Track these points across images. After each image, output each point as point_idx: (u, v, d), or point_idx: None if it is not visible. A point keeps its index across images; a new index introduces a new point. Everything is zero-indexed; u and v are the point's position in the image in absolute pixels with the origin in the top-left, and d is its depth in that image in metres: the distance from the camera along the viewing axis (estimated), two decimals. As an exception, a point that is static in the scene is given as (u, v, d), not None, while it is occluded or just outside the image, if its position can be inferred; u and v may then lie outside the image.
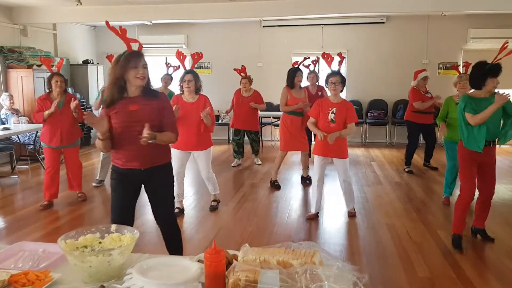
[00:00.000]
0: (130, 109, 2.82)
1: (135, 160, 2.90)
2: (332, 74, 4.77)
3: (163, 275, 1.59)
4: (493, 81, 3.92)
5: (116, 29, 3.01)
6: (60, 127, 5.26)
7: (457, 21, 9.67)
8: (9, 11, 8.50)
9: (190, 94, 4.74)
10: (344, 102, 4.74)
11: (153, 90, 2.96)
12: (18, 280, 1.57)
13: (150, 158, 2.92)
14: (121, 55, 2.83)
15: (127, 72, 2.77)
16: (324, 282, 1.40)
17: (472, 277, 3.44)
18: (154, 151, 2.90)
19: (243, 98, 7.40)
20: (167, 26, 10.58)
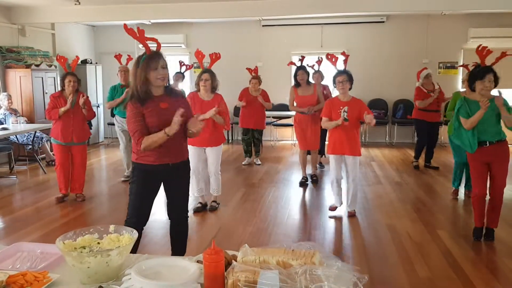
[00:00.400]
0: (161, 107, 2.92)
1: (167, 156, 2.98)
2: (339, 73, 4.83)
3: (162, 275, 1.58)
4: (480, 83, 3.98)
5: (134, 31, 3.04)
6: (72, 125, 5.39)
7: (457, 20, 9.66)
8: (7, 11, 8.49)
9: (206, 92, 4.85)
10: (354, 100, 4.79)
11: (172, 88, 3.10)
12: (16, 281, 1.56)
13: (178, 153, 3.05)
14: (141, 57, 2.92)
15: (149, 74, 2.87)
16: (324, 282, 1.39)
17: (472, 277, 3.43)
18: (181, 146, 3.07)
19: (252, 97, 7.45)
20: (166, 26, 10.57)
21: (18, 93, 8.24)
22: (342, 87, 4.71)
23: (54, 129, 5.47)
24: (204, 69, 4.95)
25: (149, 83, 2.89)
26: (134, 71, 2.91)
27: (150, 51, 2.95)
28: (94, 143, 10.21)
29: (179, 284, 1.49)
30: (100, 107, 10.41)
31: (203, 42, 10.58)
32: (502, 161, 4.06)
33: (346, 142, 4.70)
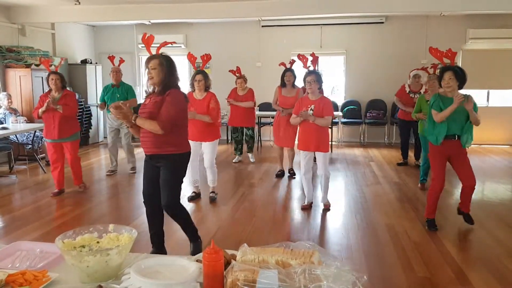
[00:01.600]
0: (145, 102, 3.47)
1: (144, 146, 3.48)
2: (308, 73, 5.07)
3: (161, 275, 1.59)
4: (442, 82, 4.31)
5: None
6: (53, 122, 5.61)
7: (456, 21, 9.67)
8: (7, 11, 8.49)
9: (200, 91, 5.25)
10: (322, 98, 5.01)
11: (168, 89, 3.39)
12: (15, 280, 1.56)
13: (151, 146, 3.43)
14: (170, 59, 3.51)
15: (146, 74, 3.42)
16: (323, 282, 1.40)
17: (471, 277, 3.44)
18: (155, 140, 3.39)
19: (239, 97, 7.69)
20: (166, 26, 10.57)
21: (18, 92, 8.23)
22: (310, 86, 4.91)
23: (44, 128, 5.81)
24: (197, 70, 5.32)
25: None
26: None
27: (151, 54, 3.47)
28: (93, 142, 10.20)
29: (179, 283, 1.49)
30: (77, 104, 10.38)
31: (203, 43, 10.60)
32: (463, 155, 4.40)
33: (315, 139, 4.93)
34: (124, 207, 5.51)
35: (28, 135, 7.38)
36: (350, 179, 6.74)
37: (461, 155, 4.39)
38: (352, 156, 8.68)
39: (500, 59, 9.62)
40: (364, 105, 10.20)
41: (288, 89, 6.61)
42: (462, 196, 4.58)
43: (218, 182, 5.75)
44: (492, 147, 9.51)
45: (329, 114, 4.92)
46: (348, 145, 10.02)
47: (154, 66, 3.35)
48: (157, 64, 3.35)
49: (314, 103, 4.92)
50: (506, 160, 8.27)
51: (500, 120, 9.83)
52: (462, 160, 4.40)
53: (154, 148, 3.42)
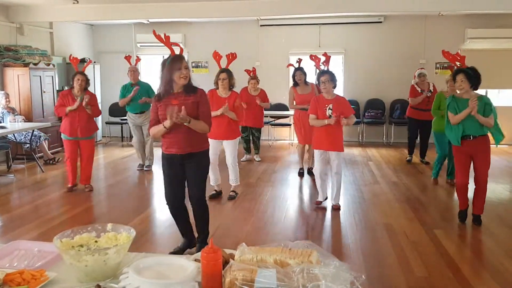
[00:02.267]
0: (172, 103, 3.38)
1: (174, 146, 3.50)
2: (322, 73, 5.13)
3: (159, 274, 1.58)
4: (455, 84, 4.50)
5: (161, 36, 3.61)
6: (77, 121, 5.73)
7: (454, 21, 9.68)
8: (5, 10, 8.47)
9: (224, 90, 5.33)
10: (338, 98, 5.06)
11: (193, 87, 3.50)
12: (13, 279, 1.56)
13: (186, 145, 3.49)
14: (167, 59, 3.42)
15: (173, 74, 3.37)
16: (321, 281, 1.40)
17: (470, 277, 3.44)
18: (190, 139, 3.48)
19: (252, 96, 7.68)
20: (164, 25, 10.54)
21: (16, 91, 8.21)
22: (324, 86, 4.95)
23: (62, 125, 5.87)
24: (222, 69, 5.43)
25: (173, 82, 3.40)
26: (161, 72, 3.42)
27: (174, 53, 3.45)
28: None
29: (177, 283, 1.49)
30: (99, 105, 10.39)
31: (202, 42, 10.59)
32: (483, 154, 4.50)
33: (330, 138, 4.96)
34: (122, 206, 5.50)
35: (26, 134, 7.36)
36: (348, 179, 6.74)
37: (481, 152, 4.49)
38: (350, 155, 8.69)
39: (499, 59, 9.63)
40: (362, 105, 10.20)
41: (302, 87, 6.70)
42: (475, 196, 4.61)
43: (216, 181, 5.75)
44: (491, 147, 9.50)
45: (351, 112, 5.00)
46: (346, 144, 9.91)
47: (186, 66, 3.41)
48: (186, 64, 3.43)
49: (331, 103, 4.94)
50: (505, 160, 8.29)
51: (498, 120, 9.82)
52: (481, 157, 4.50)
53: (189, 147, 3.49)
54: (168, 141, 3.51)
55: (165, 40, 3.58)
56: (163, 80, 3.43)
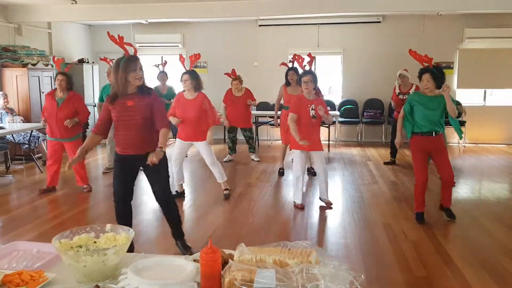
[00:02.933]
0: (128, 104, 3.38)
1: (127, 147, 3.49)
2: (304, 73, 5.16)
3: (158, 275, 1.58)
4: (421, 83, 4.61)
5: (115, 37, 3.59)
6: (56, 122, 5.64)
7: (452, 20, 9.69)
8: (4, 10, 8.45)
9: (189, 91, 5.25)
10: (318, 98, 5.18)
11: (147, 88, 3.48)
12: (12, 280, 1.56)
13: (142, 146, 3.46)
14: (121, 59, 3.36)
15: (128, 75, 3.33)
16: (320, 281, 1.40)
17: (469, 277, 3.45)
18: (145, 141, 3.46)
19: (236, 97, 7.72)
20: (163, 25, 10.55)
21: (14, 92, 8.20)
22: (307, 86, 4.99)
23: (47, 127, 5.87)
24: (185, 71, 5.35)
25: (128, 83, 3.35)
26: (115, 73, 3.36)
27: (128, 54, 3.41)
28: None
29: (176, 283, 1.49)
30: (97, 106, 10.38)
31: (200, 42, 10.59)
32: (443, 150, 4.63)
33: (310, 138, 4.94)
34: (121, 206, 5.49)
35: (24, 134, 7.35)
36: (347, 179, 6.75)
37: (441, 151, 4.61)
38: (349, 155, 8.69)
39: (497, 59, 9.64)
40: (361, 105, 10.21)
41: (293, 87, 6.68)
42: (442, 191, 4.76)
43: (214, 182, 5.75)
44: (489, 146, 9.54)
45: (328, 113, 5.13)
46: (345, 144, 10.03)
47: (141, 67, 3.40)
48: (141, 65, 3.42)
49: (313, 103, 5.01)
50: (503, 159, 8.30)
51: (497, 120, 9.87)
52: (441, 156, 4.60)
53: (147, 147, 3.44)
54: (123, 143, 3.50)
55: (118, 41, 3.56)
56: (117, 81, 3.35)
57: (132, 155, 3.49)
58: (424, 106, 4.51)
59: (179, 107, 5.29)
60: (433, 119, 4.51)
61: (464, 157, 8.56)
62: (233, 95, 7.74)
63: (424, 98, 4.55)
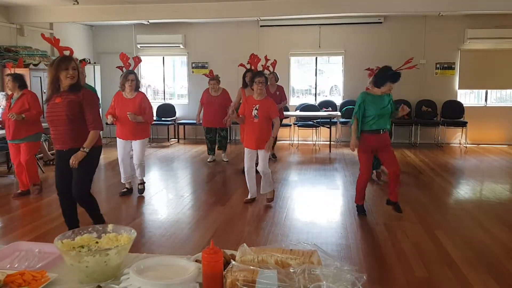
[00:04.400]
0: (56, 101, 3.62)
1: (57, 143, 3.72)
2: (259, 74, 5.24)
3: (160, 275, 1.58)
4: (390, 85, 4.70)
5: (51, 39, 3.89)
6: (7, 122, 5.64)
7: (454, 21, 9.68)
8: (5, 11, 8.47)
9: (131, 91, 5.51)
10: (266, 99, 5.20)
11: (79, 87, 3.67)
12: (14, 280, 1.56)
13: (68, 142, 3.66)
14: (54, 60, 3.63)
15: (60, 73, 3.56)
16: (322, 282, 1.40)
17: (470, 277, 3.44)
18: (71, 137, 3.65)
19: (212, 97, 7.77)
20: (165, 26, 10.56)
21: (15, 92, 8.20)
22: (260, 87, 5.09)
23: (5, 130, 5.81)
24: (129, 70, 5.57)
25: (60, 81, 3.59)
26: (49, 71, 3.62)
27: (63, 54, 3.66)
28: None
29: (178, 284, 1.49)
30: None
31: (201, 42, 10.60)
32: (389, 146, 4.80)
33: (257, 137, 5.11)
34: (123, 207, 5.50)
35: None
36: (348, 179, 6.74)
37: (387, 146, 4.79)
38: (350, 156, 8.68)
39: (499, 59, 9.64)
40: (362, 105, 10.19)
41: (250, 90, 6.50)
42: (391, 184, 4.86)
43: (215, 183, 5.80)
44: (490, 147, 9.53)
45: (276, 115, 5.14)
46: (346, 145, 10.00)
47: (75, 67, 3.60)
48: (75, 65, 3.62)
49: (259, 103, 5.10)
50: (504, 159, 8.29)
51: (498, 120, 9.86)
52: (388, 150, 4.78)
53: (71, 143, 3.66)
54: (53, 138, 3.74)
55: (54, 42, 3.80)
56: (49, 79, 3.62)
57: (62, 150, 3.70)
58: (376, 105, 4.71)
59: (118, 106, 5.53)
60: (385, 118, 4.75)
61: (466, 157, 8.55)
62: (210, 95, 7.77)
63: (375, 98, 4.72)
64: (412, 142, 10.07)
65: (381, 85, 4.67)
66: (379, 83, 4.69)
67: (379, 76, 4.73)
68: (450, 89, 9.95)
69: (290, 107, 10.36)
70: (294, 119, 9.99)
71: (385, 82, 4.65)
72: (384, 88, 4.67)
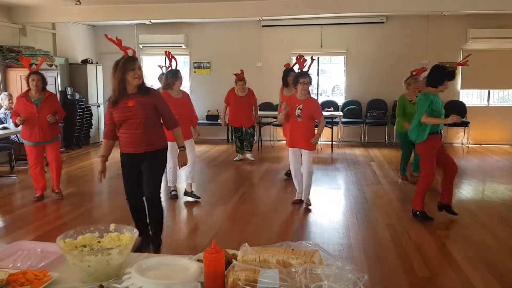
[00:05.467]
0: (129, 104, 3.45)
1: (130, 146, 3.57)
2: (303, 75, 5.17)
3: (162, 274, 1.58)
4: (447, 84, 4.63)
5: (113, 39, 3.73)
6: (38, 124, 5.35)
7: (456, 21, 9.67)
8: (8, 11, 8.49)
9: (179, 90, 5.38)
10: (310, 99, 5.17)
11: (146, 88, 3.57)
12: (16, 279, 1.56)
13: (143, 145, 3.55)
14: (119, 61, 3.47)
15: (127, 74, 3.42)
16: (324, 281, 1.40)
17: (472, 277, 3.44)
18: (146, 140, 3.54)
19: (239, 97, 7.73)
20: (167, 26, 10.57)
21: (18, 92, 8.16)
22: (305, 88, 5.06)
23: (22, 130, 5.48)
24: (177, 69, 5.48)
25: (126, 82, 3.44)
26: (114, 73, 3.46)
27: (127, 54, 3.51)
28: (94, 142, 10.20)
29: (180, 283, 1.49)
30: (101, 106, 10.41)
31: (203, 42, 10.61)
32: (442, 146, 4.80)
33: (301, 137, 5.07)
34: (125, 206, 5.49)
35: (28, 135, 7.36)
36: (350, 179, 6.74)
37: (442, 146, 4.78)
38: (352, 156, 8.68)
39: (501, 59, 9.62)
40: (364, 105, 10.20)
41: (290, 89, 6.54)
42: (448, 185, 4.79)
43: (218, 181, 5.77)
44: (493, 147, 9.51)
45: (320, 115, 5.13)
46: (348, 145, 10.02)
47: (140, 66, 3.50)
48: (140, 65, 3.53)
49: (303, 103, 5.06)
50: (507, 159, 8.27)
51: (500, 120, 9.84)
52: (443, 150, 4.78)
53: (147, 146, 3.56)
54: (125, 142, 3.58)
55: (117, 42, 3.69)
56: (116, 81, 3.45)
57: (135, 154, 3.57)
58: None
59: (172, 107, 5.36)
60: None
61: (468, 157, 8.53)
62: (236, 96, 7.74)
63: (435, 99, 4.63)
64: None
65: (439, 84, 4.59)
66: (437, 83, 4.61)
67: (436, 76, 4.64)
68: (452, 89, 9.92)
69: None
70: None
71: (443, 81, 4.58)
72: (442, 87, 4.60)
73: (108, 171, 3.72)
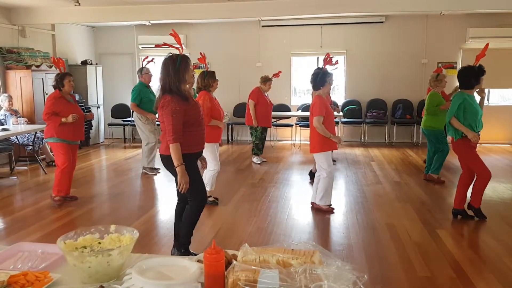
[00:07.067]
0: (197, 102, 3.49)
1: (199, 144, 3.46)
2: (330, 74, 5.09)
3: (162, 275, 1.59)
4: (482, 79, 4.65)
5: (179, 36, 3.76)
6: (82, 123, 5.54)
7: (456, 20, 9.67)
8: (7, 12, 8.50)
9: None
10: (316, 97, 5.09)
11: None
12: (17, 281, 1.57)
13: (204, 142, 3.55)
14: (176, 57, 3.28)
15: (187, 73, 3.30)
16: (324, 281, 1.40)
17: (472, 277, 3.44)
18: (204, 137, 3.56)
19: (266, 98, 7.73)
20: (166, 26, 10.56)
21: (18, 94, 8.24)
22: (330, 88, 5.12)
23: (64, 129, 5.26)
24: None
25: (185, 81, 3.30)
26: (173, 70, 3.23)
27: (181, 52, 3.44)
28: (94, 143, 10.21)
29: (180, 284, 1.49)
30: (101, 107, 10.42)
31: (203, 43, 10.60)
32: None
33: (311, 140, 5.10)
34: (125, 207, 5.51)
35: (28, 136, 7.38)
36: (350, 179, 6.74)
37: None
38: (352, 155, 8.69)
39: (501, 58, 9.61)
40: (364, 105, 10.20)
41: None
42: (479, 188, 4.66)
43: (218, 182, 5.75)
44: (492, 146, 9.51)
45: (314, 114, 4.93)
46: (348, 144, 10.02)
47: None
48: None
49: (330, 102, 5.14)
50: (507, 159, 8.27)
51: (500, 119, 9.84)
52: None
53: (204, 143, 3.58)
54: (199, 140, 3.45)
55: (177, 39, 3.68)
56: (181, 78, 3.26)
57: (199, 152, 3.53)
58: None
59: (214, 108, 5.20)
60: (480, 118, 4.67)
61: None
62: (264, 96, 7.68)
63: (471, 97, 4.65)
64: (414, 141, 10.07)
65: (476, 83, 4.61)
66: (473, 83, 4.61)
67: (469, 77, 4.62)
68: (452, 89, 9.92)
69: (292, 107, 10.37)
70: (296, 119, 9.99)
71: (478, 78, 4.61)
72: (479, 84, 4.64)
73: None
